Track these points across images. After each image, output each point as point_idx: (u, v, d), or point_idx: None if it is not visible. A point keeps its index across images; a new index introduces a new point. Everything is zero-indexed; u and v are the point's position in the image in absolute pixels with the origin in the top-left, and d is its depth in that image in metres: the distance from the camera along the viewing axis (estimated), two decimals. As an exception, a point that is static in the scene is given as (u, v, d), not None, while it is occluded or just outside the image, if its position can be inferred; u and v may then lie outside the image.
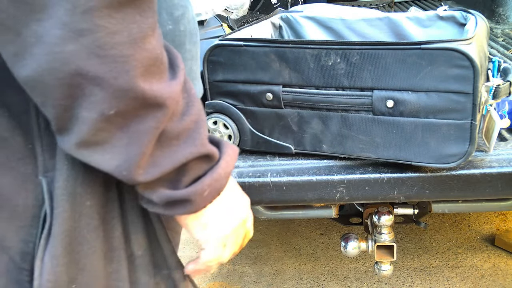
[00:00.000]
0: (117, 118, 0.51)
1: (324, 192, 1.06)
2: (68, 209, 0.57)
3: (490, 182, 1.03)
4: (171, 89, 0.54)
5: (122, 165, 0.54)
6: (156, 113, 0.53)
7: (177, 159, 0.57)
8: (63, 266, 0.58)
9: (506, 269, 1.91)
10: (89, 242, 0.60)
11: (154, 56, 0.52)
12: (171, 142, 0.56)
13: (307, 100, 1.05)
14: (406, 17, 1.23)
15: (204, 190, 0.60)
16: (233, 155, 0.65)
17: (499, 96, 1.00)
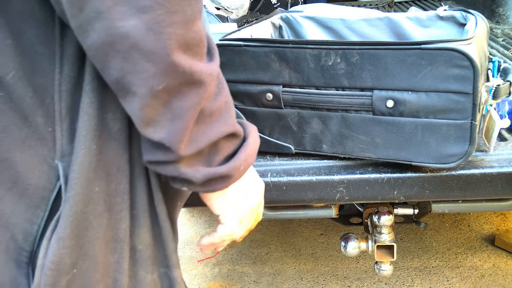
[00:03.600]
0: (163, 94, 0.55)
1: (324, 192, 1.06)
2: (80, 193, 0.59)
3: (490, 182, 1.03)
4: (211, 68, 0.58)
5: (165, 138, 0.58)
6: (198, 90, 0.57)
7: (212, 135, 0.61)
8: (68, 249, 0.59)
9: (506, 269, 1.91)
10: (94, 228, 0.61)
11: (199, 37, 0.56)
12: (206, 120, 0.60)
13: (307, 100, 1.05)
14: (406, 17, 1.23)
15: (241, 165, 0.65)
16: (256, 134, 0.70)
17: (499, 96, 1.00)
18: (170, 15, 0.52)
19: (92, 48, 0.53)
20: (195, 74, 0.56)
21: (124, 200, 0.64)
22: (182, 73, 0.55)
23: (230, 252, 2.15)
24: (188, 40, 0.54)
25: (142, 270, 0.68)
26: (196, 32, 0.55)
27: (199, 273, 2.04)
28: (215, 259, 2.11)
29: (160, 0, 0.51)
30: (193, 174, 0.62)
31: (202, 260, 2.11)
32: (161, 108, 0.56)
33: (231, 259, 2.11)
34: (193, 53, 0.56)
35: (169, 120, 0.57)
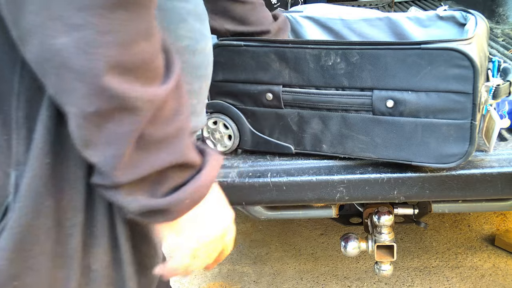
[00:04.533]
0: (95, 117, 0.52)
1: (324, 192, 1.06)
2: (28, 205, 0.58)
3: (490, 182, 1.03)
4: (155, 94, 0.54)
5: (100, 163, 0.56)
6: (134, 117, 0.53)
7: (155, 164, 0.57)
8: (8, 260, 0.58)
9: (506, 269, 1.91)
10: (41, 242, 0.60)
11: (140, 60, 0.53)
12: (151, 147, 0.56)
13: (307, 100, 1.05)
14: (406, 17, 1.23)
15: (185, 198, 0.59)
16: (216, 165, 0.64)
17: (499, 96, 1.00)
18: (101, 35, 0.50)
19: (31, 62, 0.52)
20: (129, 100, 0.52)
21: (76, 217, 0.62)
22: (114, 97, 0.51)
23: (230, 252, 2.15)
24: (124, 62, 0.51)
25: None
26: (136, 55, 0.52)
27: (199, 273, 2.04)
28: (215, 259, 2.11)
29: (90, 19, 0.49)
30: (129, 203, 0.58)
31: (202, 260, 2.11)
32: (94, 131, 0.53)
33: (231, 259, 2.10)
34: (133, 76, 0.52)
35: (103, 144, 0.54)
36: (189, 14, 0.70)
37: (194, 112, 0.73)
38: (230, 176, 1.09)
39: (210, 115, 1.14)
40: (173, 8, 0.69)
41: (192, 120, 0.72)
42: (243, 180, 1.07)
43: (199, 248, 0.66)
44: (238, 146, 1.15)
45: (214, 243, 0.68)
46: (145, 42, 0.53)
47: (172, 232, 0.64)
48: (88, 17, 0.49)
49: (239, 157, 1.15)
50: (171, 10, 0.69)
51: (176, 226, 0.63)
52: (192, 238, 0.65)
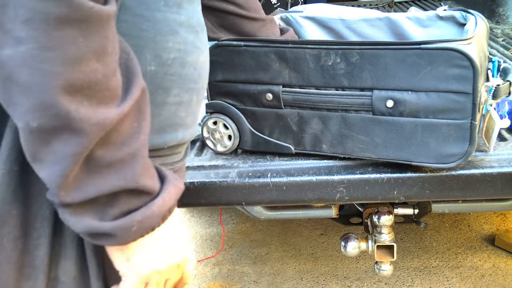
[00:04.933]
0: (40, 133, 0.51)
1: (324, 192, 1.06)
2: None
3: (490, 182, 1.03)
4: (104, 116, 0.52)
5: (46, 180, 0.54)
6: (78, 139, 0.52)
7: (103, 188, 0.55)
8: None
9: (506, 269, 1.91)
10: (7, 251, 0.59)
11: (90, 80, 0.51)
12: (100, 170, 0.55)
13: (307, 100, 1.05)
14: (406, 17, 1.23)
15: (132, 225, 0.57)
16: (175, 193, 0.62)
17: (499, 96, 1.00)
18: (44, 51, 0.48)
19: None
20: (74, 120, 0.51)
21: (43, 226, 0.61)
22: (58, 116, 0.50)
23: (230, 252, 2.15)
24: (72, 81, 0.50)
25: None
26: (86, 74, 0.50)
27: (199, 273, 2.04)
28: (215, 259, 2.11)
29: (33, 33, 0.48)
30: (74, 224, 0.56)
31: (202, 260, 2.11)
32: (39, 147, 0.52)
33: (231, 259, 2.10)
34: (82, 96, 0.51)
35: (48, 162, 0.53)
36: (181, 26, 0.68)
37: (182, 124, 0.71)
38: (230, 176, 1.09)
39: (210, 115, 1.14)
40: (164, 19, 0.66)
41: (180, 133, 0.71)
42: (243, 180, 1.07)
43: (149, 276, 0.64)
44: (238, 146, 1.15)
45: (168, 273, 0.66)
46: (96, 62, 0.51)
47: (121, 257, 0.62)
48: (31, 31, 0.48)
49: (239, 157, 1.15)
50: (161, 21, 0.66)
51: (127, 251, 0.61)
52: (143, 265, 0.62)
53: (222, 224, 2.36)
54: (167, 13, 0.66)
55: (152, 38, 0.65)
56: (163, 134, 0.69)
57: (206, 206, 1.20)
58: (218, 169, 1.12)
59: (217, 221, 2.38)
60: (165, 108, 0.67)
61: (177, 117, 0.69)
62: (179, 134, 0.71)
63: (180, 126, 0.70)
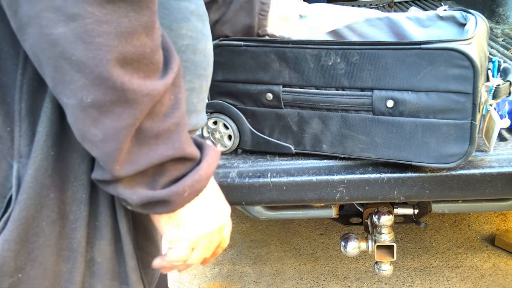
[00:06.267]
0: (93, 109, 0.53)
1: (324, 192, 1.06)
2: (32, 197, 0.58)
3: (490, 182, 1.03)
4: (153, 88, 0.54)
5: (99, 157, 0.56)
6: (131, 110, 0.53)
7: (154, 158, 0.57)
8: (13, 252, 0.58)
9: (506, 269, 1.91)
10: (45, 234, 0.60)
11: (140, 53, 0.53)
12: (149, 141, 0.57)
13: (307, 100, 1.05)
14: (406, 17, 1.23)
15: (184, 191, 0.60)
16: (215, 157, 0.64)
17: (499, 96, 1.00)
18: (99, 25, 0.50)
19: (30, 53, 0.52)
20: (128, 92, 0.52)
21: (80, 210, 0.62)
22: (112, 88, 0.52)
23: (230, 252, 2.15)
24: (125, 54, 0.51)
25: (99, 283, 0.66)
26: (137, 47, 0.52)
27: (199, 273, 2.04)
28: (215, 259, 2.11)
29: (89, 9, 0.49)
30: (130, 196, 0.59)
31: (202, 260, 2.11)
32: (92, 125, 0.54)
33: (231, 259, 2.10)
34: (132, 69, 0.53)
35: (102, 138, 0.54)
36: (192, 14, 0.71)
37: (195, 110, 0.74)
38: (230, 176, 1.09)
39: (210, 115, 1.14)
40: (178, 7, 0.70)
41: (193, 118, 0.73)
42: (243, 180, 1.07)
43: (198, 240, 0.67)
44: (238, 146, 1.15)
45: (212, 235, 0.69)
46: (146, 36, 0.53)
47: (171, 224, 0.64)
48: (86, 7, 0.49)
49: (239, 157, 1.15)
50: (175, 9, 0.69)
51: (176, 218, 0.64)
52: (191, 230, 0.65)
53: (222, 224, 2.35)
54: (180, 1, 0.69)
55: (169, 26, 0.69)
56: None
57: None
58: (218, 169, 1.12)
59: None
60: None
61: (190, 103, 0.72)
62: (193, 120, 0.73)
63: (193, 112, 0.73)
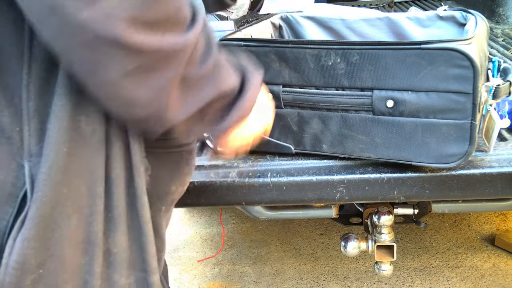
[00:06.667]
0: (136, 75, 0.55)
1: (324, 192, 1.06)
2: (47, 195, 0.59)
3: (490, 182, 1.03)
4: (186, 39, 0.58)
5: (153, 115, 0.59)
6: (172, 64, 0.57)
7: (202, 99, 0.63)
8: (33, 249, 0.59)
9: (506, 269, 1.91)
10: (61, 229, 0.61)
11: (166, 13, 0.55)
12: (193, 87, 0.62)
13: (307, 100, 1.05)
14: (406, 17, 1.23)
15: (232, 123, 0.69)
16: (258, 77, 0.72)
17: (499, 96, 1.00)
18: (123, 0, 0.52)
19: (55, 45, 0.54)
20: (165, 49, 0.56)
21: (96, 203, 0.63)
22: (149, 51, 0.55)
23: (230, 252, 2.15)
24: (152, 19, 0.54)
25: (116, 273, 0.67)
26: (160, 11, 0.55)
27: (199, 273, 2.04)
28: (215, 259, 2.11)
29: None
30: (188, 137, 0.67)
31: (202, 260, 2.11)
32: (139, 89, 0.57)
33: (231, 259, 2.10)
34: (162, 29, 0.55)
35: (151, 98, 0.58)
36: None
37: None
38: (230, 176, 1.09)
39: (210, 115, 1.14)
40: None
41: None
42: (243, 180, 1.07)
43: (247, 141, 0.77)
44: (238, 146, 1.14)
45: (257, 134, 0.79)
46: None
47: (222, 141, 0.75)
48: None
49: (239, 157, 1.15)
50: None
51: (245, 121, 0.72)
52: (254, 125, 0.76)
53: (222, 224, 2.36)
54: None
55: None
56: None
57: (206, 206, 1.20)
58: (218, 169, 1.12)
59: (217, 221, 2.38)
60: None
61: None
62: None
63: None
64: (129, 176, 0.66)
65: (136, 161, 0.66)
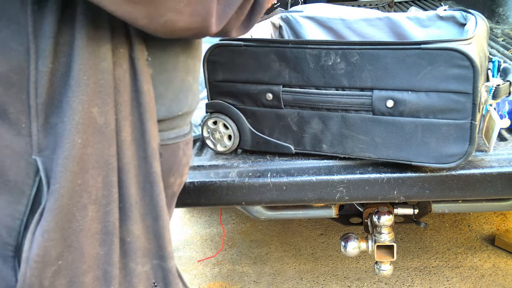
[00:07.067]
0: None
1: (324, 192, 1.06)
2: (64, 186, 0.60)
3: (490, 182, 1.03)
4: None
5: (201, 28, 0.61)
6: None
7: (235, 4, 0.64)
8: (53, 241, 0.60)
9: (506, 269, 1.91)
10: (77, 220, 0.62)
11: None
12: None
13: (307, 100, 1.05)
14: (406, 17, 1.23)
15: None
16: None
17: (499, 96, 1.00)
18: None
19: None
20: None
21: (111, 193, 0.64)
22: None
23: (230, 252, 2.15)
24: None
25: (132, 261, 0.68)
26: None
27: (199, 273, 2.04)
28: (215, 259, 2.11)
29: None
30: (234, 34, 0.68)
31: (202, 260, 2.11)
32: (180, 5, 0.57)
33: (231, 259, 2.10)
34: None
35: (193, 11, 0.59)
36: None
37: (191, 90, 0.76)
38: (230, 176, 1.09)
39: (210, 115, 1.14)
40: None
41: (190, 98, 0.75)
42: (243, 180, 1.07)
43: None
44: (238, 146, 1.15)
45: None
46: None
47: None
48: None
49: (239, 157, 1.15)
50: None
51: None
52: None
53: (222, 224, 2.36)
54: None
55: None
56: (177, 101, 0.73)
57: (206, 206, 1.20)
58: (218, 169, 1.12)
59: (217, 221, 2.38)
60: (176, 74, 0.71)
61: (186, 82, 0.74)
62: (189, 100, 0.75)
63: (189, 92, 0.75)
64: (141, 164, 0.66)
65: (153, 147, 0.66)
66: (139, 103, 0.65)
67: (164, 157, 0.73)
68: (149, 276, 0.70)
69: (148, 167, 0.67)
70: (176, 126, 0.74)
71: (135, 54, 0.64)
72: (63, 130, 0.59)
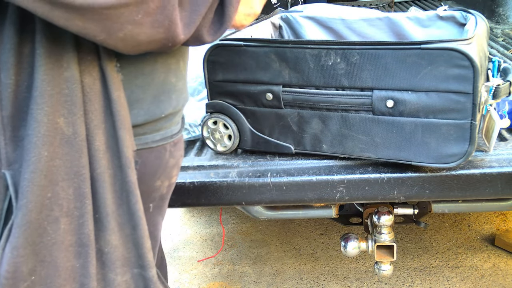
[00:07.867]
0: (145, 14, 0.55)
1: (324, 192, 1.06)
2: (32, 200, 0.58)
3: (490, 182, 1.03)
4: None
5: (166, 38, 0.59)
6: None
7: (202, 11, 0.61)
8: (23, 257, 0.59)
9: (506, 269, 1.91)
10: (48, 234, 0.61)
11: None
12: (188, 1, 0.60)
13: (307, 100, 1.05)
14: (406, 17, 1.23)
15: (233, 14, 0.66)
16: None
17: (499, 96, 1.00)
18: None
19: None
20: None
21: (84, 205, 0.63)
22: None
23: (230, 252, 2.15)
24: None
25: (111, 272, 0.67)
26: None
27: (199, 273, 2.04)
28: (215, 259, 2.11)
29: None
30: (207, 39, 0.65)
31: (202, 260, 2.11)
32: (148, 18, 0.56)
33: (231, 259, 2.10)
34: None
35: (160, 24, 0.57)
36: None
37: (175, 90, 0.73)
38: (230, 176, 1.09)
39: (210, 115, 1.14)
40: None
41: (173, 99, 0.73)
42: (243, 180, 1.07)
43: None
44: (238, 146, 1.15)
45: None
46: None
47: None
48: None
49: (239, 157, 1.15)
50: None
51: None
52: None
53: (222, 224, 2.36)
54: None
55: None
56: (158, 103, 0.70)
57: (206, 206, 1.20)
58: (218, 169, 1.12)
59: (217, 221, 2.38)
60: (155, 76, 0.69)
61: (168, 83, 0.71)
62: (173, 101, 0.73)
63: (172, 92, 0.72)
64: (117, 173, 0.65)
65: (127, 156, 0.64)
66: (111, 111, 0.63)
67: (148, 160, 0.71)
68: (130, 286, 0.69)
69: (124, 176, 0.65)
70: (161, 128, 0.72)
71: (103, 61, 0.62)
72: (29, 143, 0.58)
